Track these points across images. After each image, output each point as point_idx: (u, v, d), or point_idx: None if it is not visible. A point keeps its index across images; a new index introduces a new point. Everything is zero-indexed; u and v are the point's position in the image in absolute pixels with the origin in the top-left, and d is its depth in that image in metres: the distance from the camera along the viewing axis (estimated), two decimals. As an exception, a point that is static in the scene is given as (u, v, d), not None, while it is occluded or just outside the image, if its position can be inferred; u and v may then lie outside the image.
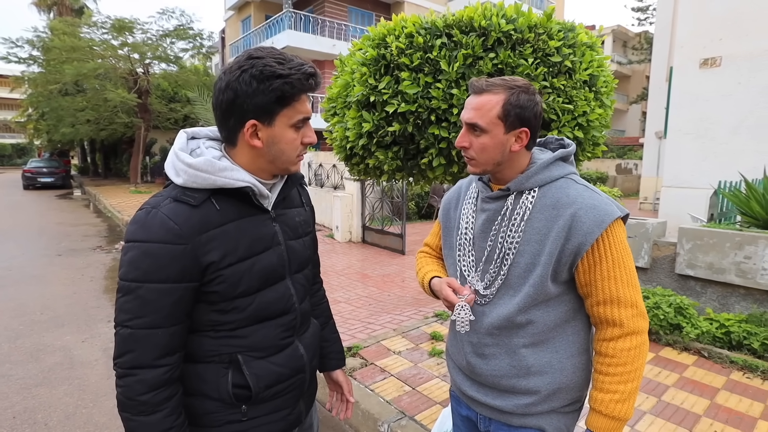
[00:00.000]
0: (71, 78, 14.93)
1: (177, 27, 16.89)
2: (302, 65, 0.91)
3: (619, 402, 1.00)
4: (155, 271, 0.86)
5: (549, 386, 1.07)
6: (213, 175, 0.91)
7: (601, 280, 1.00)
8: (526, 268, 1.03)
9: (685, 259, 3.83)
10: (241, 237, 0.95)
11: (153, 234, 0.86)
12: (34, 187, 18.80)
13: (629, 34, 29.02)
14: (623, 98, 29.68)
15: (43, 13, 24.58)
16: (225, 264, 0.92)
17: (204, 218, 0.90)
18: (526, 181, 1.04)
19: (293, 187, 1.09)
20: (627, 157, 21.20)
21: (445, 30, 2.11)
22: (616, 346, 1.00)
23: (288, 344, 1.05)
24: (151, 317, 0.88)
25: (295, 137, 0.95)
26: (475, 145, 1.03)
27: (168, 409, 0.91)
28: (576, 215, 0.98)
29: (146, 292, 0.87)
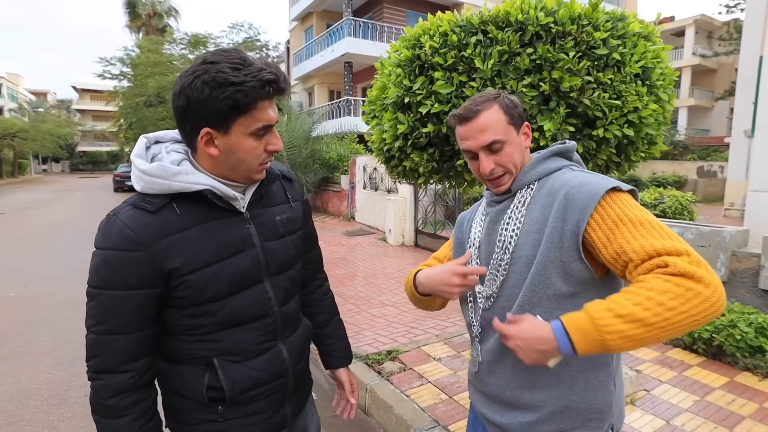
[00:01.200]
0: (154, 90, 16.45)
1: (245, 39, 18.00)
2: (261, 71, 0.84)
3: (610, 311, 0.77)
4: (113, 278, 0.86)
5: (555, 402, 0.97)
6: (168, 180, 0.88)
7: (630, 241, 0.84)
8: (527, 261, 0.97)
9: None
10: (206, 241, 0.91)
11: (111, 241, 0.86)
12: (123, 189, 20.84)
13: (715, 24, 26.39)
14: (708, 94, 27.02)
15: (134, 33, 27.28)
16: (188, 270, 0.89)
17: (163, 224, 0.88)
18: (524, 177, 1.04)
19: (270, 185, 1.04)
20: (711, 159, 19.25)
21: (480, 27, 2.04)
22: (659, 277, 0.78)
23: (268, 348, 1.01)
24: (112, 323, 0.87)
25: (256, 146, 0.90)
26: (502, 159, 1.02)
27: (134, 414, 0.89)
28: (569, 194, 0.94)
29: (106, 298, 0.86)
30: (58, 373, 3.32)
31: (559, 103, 1.96)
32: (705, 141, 23.17)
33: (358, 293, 5.17)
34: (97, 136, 47.02)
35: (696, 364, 3.12)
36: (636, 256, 0.83)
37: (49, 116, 36.86)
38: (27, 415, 2.77)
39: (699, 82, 27.58)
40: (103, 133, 39.10)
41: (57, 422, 2.71)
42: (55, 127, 32.86)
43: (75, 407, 2.87)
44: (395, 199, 8.18)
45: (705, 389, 2.76)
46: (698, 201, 14.92)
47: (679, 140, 21.94)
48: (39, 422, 2.71)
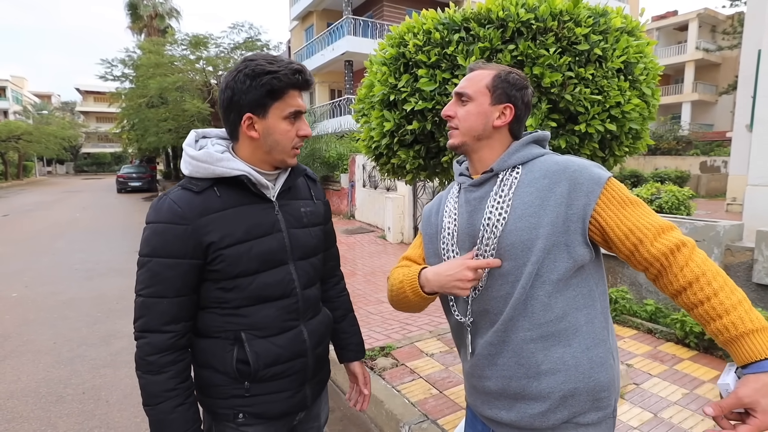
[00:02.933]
0: (155, 91, 16.50)
1: (246, 39, 18.02)
2: (290, 63, 1.00)
3: (750, 311, 0.82)
4: (162, 247, 0.99)
5: (563, 386, 0.95)
6: (212, 165, 1.02)
7: (641, 216, 0.93)
8: (524, 246, 0.94)
9: (765, 267, 3.39)
10: (240, 222, 1.03)
11: (161, 216, 1.00)
12: (125, 190, 20.98)
13: (719, 18, 26.18)
14: (711, 89, 26.83)
15: (136, 35, 27.39)
16: (224, 244, 1.01)
17: (205, 203, 1.01)
18: (508, 159, 1.03)
19: (297, 178, 1.16)
20: (714, 154, 19.12)
21: (462, 24, 2.05)
22: (696, 260, 0.87)
23: (290, 327, 1.11)
24: (157, 287, 1.00)
25: (289, 129, 1.03)
26: (460, 113, 1.05)
27: (172, 371, 1.01)
28: (572, 178, 0.94)
29: (154, 265, 0.99)
30: (56, 372, 3.37)
31: (541, 99, 1.98)
32: (708, 136, 23.01)
33: (355, 290, 5.20)
34: (100, 137, 47.28)
35: (687, 358, 3.12)
36: (649, 233, 0.91)
37: (53, 118, 37.12)
38: (25, 413, 2.82)
39: (703, 77, 27.39)
40: (107, 134, 39.28)
41: (54, 419, 2.76)
42: (59, 129, 33.07)
43: (73, 404, 2.92)
44: (394, 197, 8.21)
45: (695, 382, 2.77)
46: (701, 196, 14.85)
47: (682, 135, 21.81)
48: (37, 419, 2.75)
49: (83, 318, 4.50)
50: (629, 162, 15.70)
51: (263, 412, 1.10)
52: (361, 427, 2.66)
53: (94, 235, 9.35)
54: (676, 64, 27.08)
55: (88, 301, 5.06)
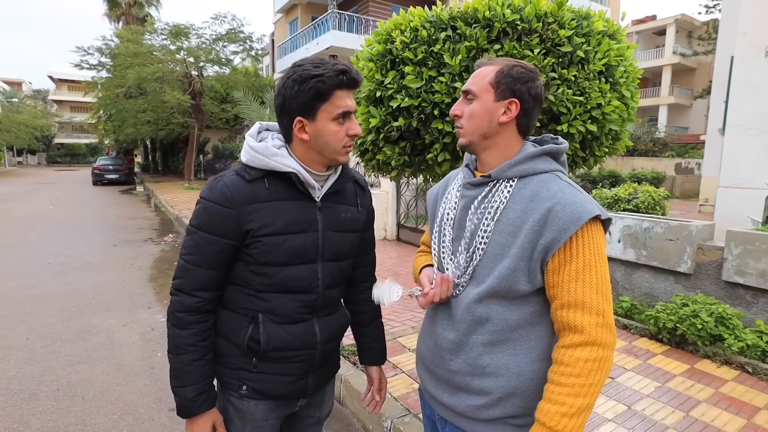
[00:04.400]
0: (133, 81, 16.07)
1: (229, 31, 17.71)
2: (335, 65, 1.03)
3: (566, 416, 0.90)
4: (207, 223, 1.07)
5: (502, 389, 1.02)
6: (267, 158, 1.07)
7: (568, 282, 0.94)
8: (493, 258, 0.99)
9: (734, 266, 3.52)
10: (280, 215, 1.09)
11: (213, 196, 1.07)
12: (101, 183, 20.40)
13: (695, 24, 26.95)
14: (687, 93, 27.64)
15: (113, 22, 26.60)
16: (261, 233, 1.07)
17: (253, 192, 1.08)
18: (508, 170, 1.02)
19: (345, 183, 1.20)
20: (689, 156, 19.72)
21: (449, 23, 2.07)
22: (574, 354, 0.92)
23: (304, 319, 1.17)
24: (197, 257, 1.09)
25: (338, 129, 1.06)
26: (466, 112, 1.05)
27: (195, 329, 1.11)
28: (552, 210, 0.94)
29: (199, 237, 1.08)
30: (29, 368, 3.27)
31: (525, 99, 2.01)
32: (683, 138, 23.71)
33: (338, 287, 5.20)
34: (75, 127, 45.84)
35: (660, 353, 3.23)
36: (565, 297, 0.94)
37: (24, 107, 35.76)
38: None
39: (679, 81, 28.19)
40: (82, 124, 38.10)
41: (27, 417, 2.68)
42: (31, 118, 31.93)
43: (46, 401, 2.84)
44: (377, 193, 8.20)
45: (666, 376, 2.87)
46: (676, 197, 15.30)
47: (658, 137, 22.41)
48: (8, 417, 2.67)
49: (57, 313, 4.38)
50: (608, 162, 16.05)
51: (265, 390, 1.17)
52: (343, 422, 2.67)
53: (68, 229, 9.07)
54: (654, 67, 27.80)
55: (63, 296, 4.92)
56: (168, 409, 2.78)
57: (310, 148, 1.09)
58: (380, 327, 1.45)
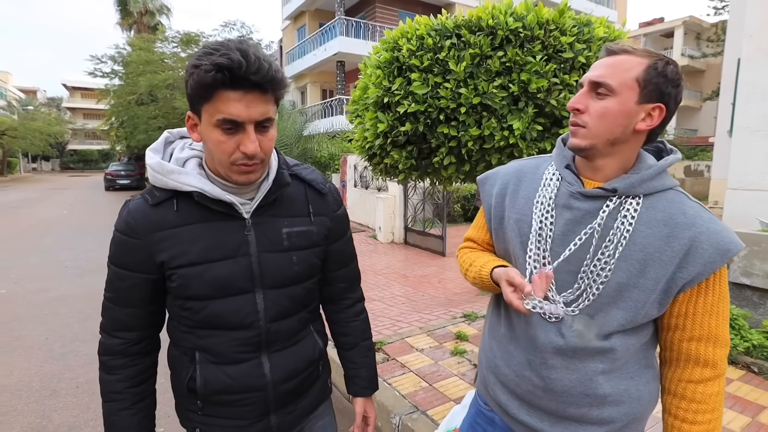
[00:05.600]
0: (145, 89, 16.39)
1: (238, 38, 17.96)
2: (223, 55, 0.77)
3: None
4: (116, 256, 0.95)
5: (625, 417, 0.93)
6: (164, 176, 0.91)
7: (702, 314, 0.86)
8: (618, 288, 0.86)
9: (740, 266, 3.53)
10: (196, 241, 0.92)
11: (119, 225, 0.94)
12: (114, 188, 20.74)
13: (704, 25, 26.79)
14: (696, 95, 27.41)
15: (126, 31, 27.11)
16: (174, 265, 0.92)
17: (160, 218, 0.92)
18: (639, 185, 0.86)
19: (279, 191, 0.98)
20: (698, 158, 19.56)
21: (454, 31, 2.15)
22: (706, 390, 0.87)
23: (246, 359, 0.99)
24: (112, 294, 0.97)
25: (223, 140, 0.84)
26: (594, 109, 0.85)
27: (122, 374, 0.98)
28: (697, 240, 0.82)
29: (111, 272, 0.96)
30: (49, 366, 3.39)
31: (528, 104, 2.08)
32: (693, 141, 23.50)
33: (346, 289, 5.27)
34: (87, 134, 46.65)
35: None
36: (698, 330, 0.87)
37: (38, 114, 36.46)
38: (19, 406, 2.84)
39: (688, 83, 27.94)
40: (94, 131, 38.77)
41: (49, 412, 2.79)
42: (45, 125, 32.52)
43: (67, 398, 2.95)
44: (385, 197, 8.29)
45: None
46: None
47: (668, 139, 22.27)
48: (31, 412, 2.78)
49: (75, 314, 4.51)
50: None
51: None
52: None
53: (83, 233, 9.27)
54: (663, 70, 27.57)
55: (80, 297, 5.05)
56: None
57: (206, 153, 0.92)
58: (367, 351, 1.21)
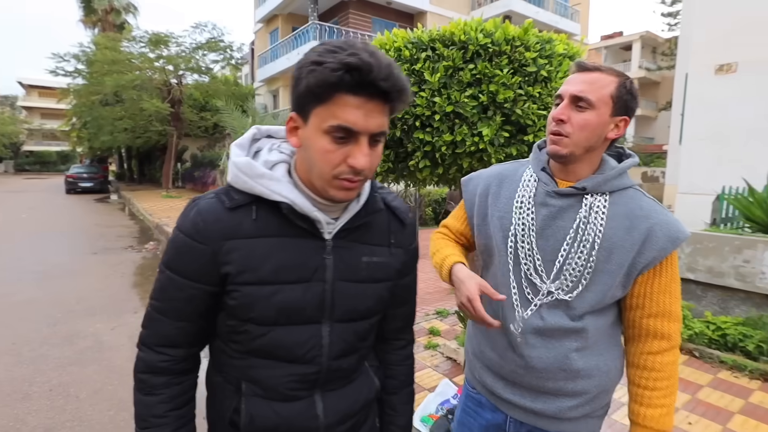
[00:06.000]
0: (111, 89, 15.92)
1: (209, 40, 17.75)
2: (352, 54, 0.69)
3: (668, 415, 0.99)
4: (176, 261, 0.83)
5: (596, 389, 1.05)
6: (251, 180, 0.80)
7: (658, 293, 0.99)
8: (590, 273, 1.00)
9: (686, 263, 3.87)
10: (270, 257, 0.81)
11: (184, 225, 0.82)
12: (75, 191, 19.94)
13: (658, 40, 28.42)
14: (652, 105, 28.98)
15: (89, 29, 26.18)
16: (240, 280, 0.81)
17: (235, 224, 0.80)
18: (604, 184, 0.99)
19: (370, 216, 0.89)
20: (654, 165, 20.67)
21: (429, 44, 2.32)
22: (663, 359, 1.00)
23: (299, 397, 0.88)
24: (163, 303, 0.85)
25: (330, 149, 0.74)
26: (576, 120, 0.96)
27: (164, 396, 0.86)
28: (652, 230, 0.96)
29: (165, 278, 0.84)
30: (19, 371, 3.33)
31: (496, 112, 2.28)
32: (649, 148, 24.83)
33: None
34: (45, 135, 44.56)
35: (622, 344, 3.53)
36: (654, 308, 1.00)
37: (-10, 113, 34.62)
38: (-10, 410, 2.80)
39: (645, 94, 29.55)
40: (53, 132, 37.12)
41: (23, 415, 2.76)
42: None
43: (40, 401, 2.92)
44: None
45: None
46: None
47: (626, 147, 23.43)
48: (5, 416, 2.74)
49: (42, 319, 4.40)
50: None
51: None
52: None
53: (45, 237, 8.92)
54: (622, 81, 29.04)
55: (46, 302, 4.92)
56: (163, 404, 2.90)
57: (302, 161, 0.81)
58: (409, 398, 1.09)
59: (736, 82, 6.00)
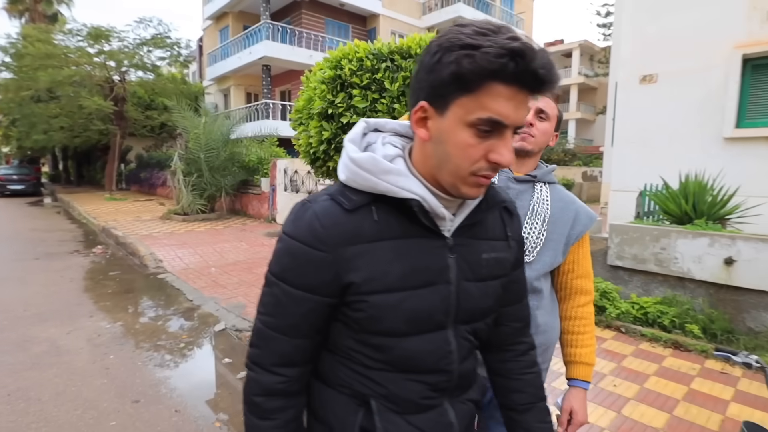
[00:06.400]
0: (45, 85, 14.93)
1: (154, 36, 17.06)
2: (512, 39, 0.62)
3: (593, 353, 1.31)
4: (293, 272, 0.75)
5: (547, 342, 1.30)
6: (374, 177, 0.73)
7: (582, 258, 1.33)
8: (545, 241, 1.28)
9: (615, 252, 4.38)
10: (397, 261, 0.74)
11: (299, 231, 0.74)
12: (3, 194, 18.47)
13: (595, 49, 30.47)
14: (591, 109, 31.06)
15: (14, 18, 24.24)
16: (367, 289, 0.74)
17: (356, 227, 0.73)
18: (545, 176, 1.33)
19: (489, 211, 0.84)
20: (593, 165, 22.25)
21: (389, 56, 2.56)
22: (587, 310, 1.33)
23: (432, 405, 0.83)
24: (278, 319, 0.78)
25: (472, 143, 0.67)
26: (539, 126, 1.29)
27: (280, 420, 0.80)
28: (578, 211, 1.31)
29: (279, 291, 0.76)
30: (-31, 379, 3.22)
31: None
32: (589, 150, 26.62)
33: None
34: (-36, 133, 40.52)
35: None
36: (581, 270, 1.34)
37: None
38: (-56, 418, 2.72)
39: (584, 98, 31.64)
40: (-26, 129, 33.87)
41: (-19, 421, 2.71)
42: None
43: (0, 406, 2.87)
44: (317, 200, 8.53)
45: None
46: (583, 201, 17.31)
47: (568, 148, 25.00)
48: (-40, 422, 2.68)
49: (-14, 327, 4.21)
50: (525, 171, 17.65)
51: None
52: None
53: (-24, 243, 8.32)
54: (564, 85, 30.98)
55: (-12, 310, 4.68)
56: (132, 401, 2.94)
57: (428, 157, 0.73)
58: (545, 415, 0.97)
59: (657, 91, 6.73)
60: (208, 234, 9.27)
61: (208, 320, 4.47)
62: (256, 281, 5.76)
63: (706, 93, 5.86)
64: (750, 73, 5.48)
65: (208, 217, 11.20)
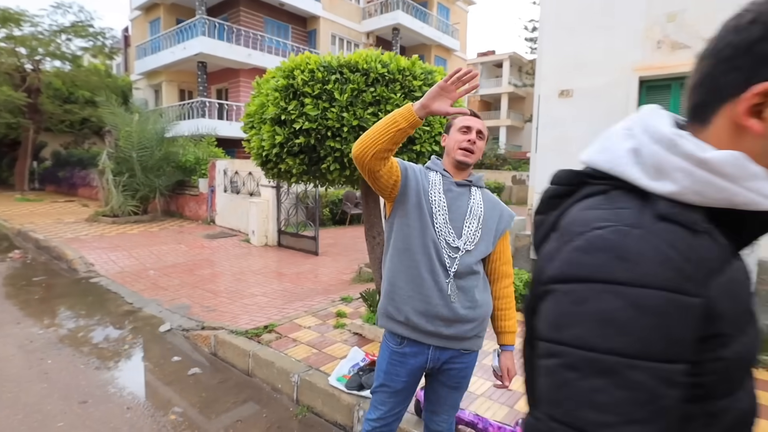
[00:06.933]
0: (-58, 72, 13.32)
1: (74, 23, 15.83)
2: None
3: (516, 323, 1.68)
4: (656, 340, 0.50)
5: (483, 316, 1.63)
6: (734, 185, 0.53)
7: (505, 249, 1.71)
8: (481, 233, 1.63)
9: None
10: (741, 296, 0.57)
11: (646, 271, 0.51)
12: None
13: (524, 60, 32.66)
14: (519, 117, 33.24)
15: None
16: (728, 338, 0.54)
17: (711, 256, 0.54)
18: (477, 182, 1.68)
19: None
20: (521, 170, 23.89)
21: (338, 68, 2.81)
22: (509, 290, 1.71)
23: None
24: (651, 417, 0.49)
25: None
26: (479, 144, 1.61)
27: None
28: (502, 211, 1.68)
29: (647, 377, 0.49)
30: None
31: (392, 127, 2.85)
32: (518, 155, 28.49)
33: (228, 288, 5.48)
34: None
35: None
36: (504, 258, 1.70)
37: None
38: None
39: (513, 107, 33.80)
40: None
41: None
42: None
43: (-76, 417, 2.72)
44: (258, 201, 8.51)
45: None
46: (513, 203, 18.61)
47: (499, 153, 26.63)
48: None
49: None
50: (460, 174, 18.63)
51: None
52: (253, 388, 3.16)
53: None
54: (495, 94, 32.91)
55: None
56: (78, 402, 2.92)
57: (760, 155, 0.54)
58: None
59: (573, 105, 7.57)
60: (142, 236, 8.88)
61: (151, 321, 4.41)
62: (199, 282, 5.71)
63: (612, 108, 6.73)
64: (645, 94, 6.40)
65: (141, 219, 10.68)
